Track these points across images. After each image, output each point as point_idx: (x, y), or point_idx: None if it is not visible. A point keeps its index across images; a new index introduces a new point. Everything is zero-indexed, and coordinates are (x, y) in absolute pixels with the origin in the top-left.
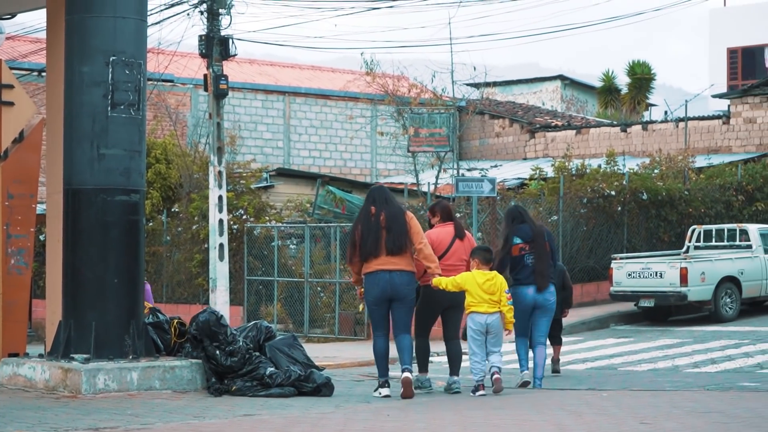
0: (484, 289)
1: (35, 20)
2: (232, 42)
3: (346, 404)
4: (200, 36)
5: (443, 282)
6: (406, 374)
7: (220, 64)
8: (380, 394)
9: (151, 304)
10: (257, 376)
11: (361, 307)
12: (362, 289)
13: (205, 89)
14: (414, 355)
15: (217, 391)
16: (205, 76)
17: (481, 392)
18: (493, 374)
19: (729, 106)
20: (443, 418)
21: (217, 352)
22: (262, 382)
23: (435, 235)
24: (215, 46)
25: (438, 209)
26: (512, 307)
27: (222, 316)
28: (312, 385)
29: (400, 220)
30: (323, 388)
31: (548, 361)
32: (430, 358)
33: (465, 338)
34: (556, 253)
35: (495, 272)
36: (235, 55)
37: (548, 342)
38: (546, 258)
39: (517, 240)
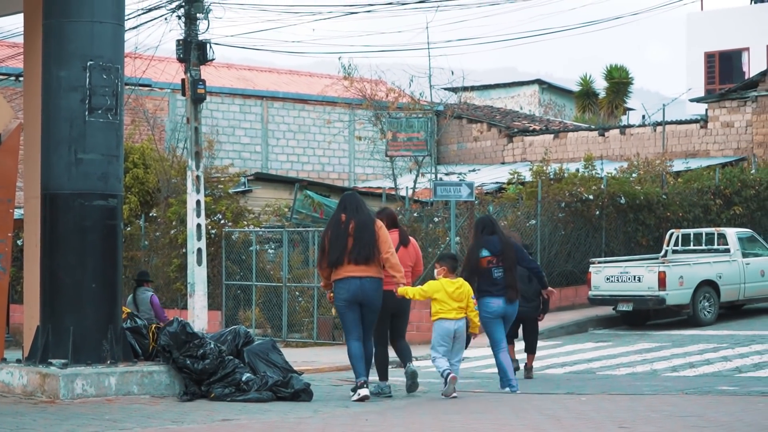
0: (453, 297)
1: (12, 25)
2: (210, 46)
3: (325, 409)
4: (178, 40)
5: (410, 292)
6: (365, 392)
7: (197, 69)
8: (358, 395)
9: (164, 318)
10: (234, 381)
11: (334, 311)
12: (332, 294)
13: (183, 94)
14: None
15: (192, 395)
16: (183, 80)
17: (452, 383)
18: (449, 374)
19: (706, 110)
20: (422, 423)
21: (188, 361)
22: (239, 388)
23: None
24: (193, 51)
25: (383, 216)
26: (478, 312)
27: (188, 323)
28: (290, 390)
29: (369, 228)
30: (302, 393)
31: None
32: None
33: None
34: (527, 261)
35: (461, 279)
36: (213, 59)
37: (514, 347)
38: (515, 270)
39: (485, 252)
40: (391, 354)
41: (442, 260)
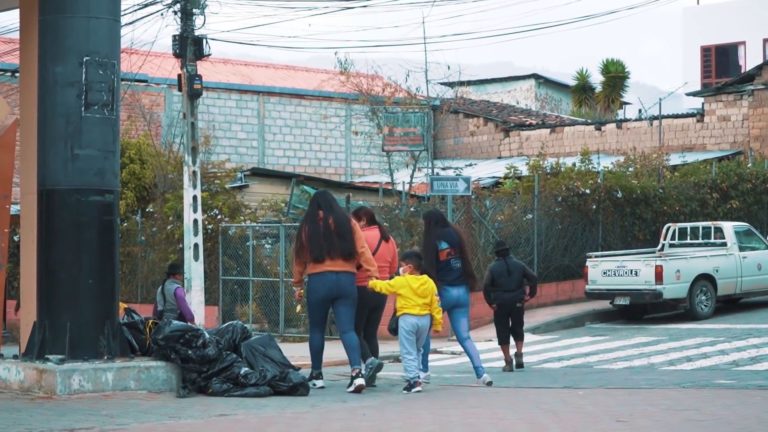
0: (418, 294)
1: (8, 21)
2: (206, 42)
3: (322, 404)
4: (174, 36)
5: (378, 285)
6: (360, 381)
7: (194, 64)
8: (314, 385)
9: (185, 310)
10: (232, 376)
11: (298, 308)
12: (302, 291)
13: (180, 89)
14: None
15: (191, 383)
16: (179, 76)
17: (417, 389)
18: (415, 383)
19: (703, 104)
20: (419, 417)
21: (189, 351)
22: (237, 382)
23: (368, 239)
24: (189, 46)
25: (362, 214)
26: (440, 309)
27: (176, 322)
28: (288, 384)
29: (347, 226)
30: (300, 388)
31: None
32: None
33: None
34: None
35: (426, 276)
36: (209, 54)
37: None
38: (469, 259)
39: (445, 245)
40: (390, 348)
41: (408, 258)
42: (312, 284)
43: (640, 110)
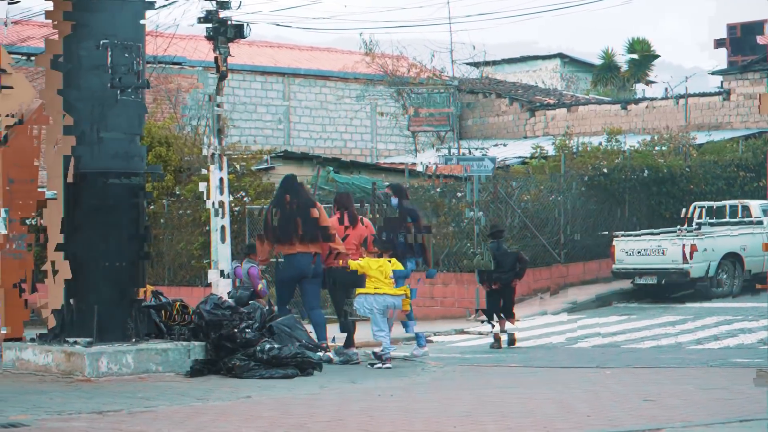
0: (382, 274)
1: (33, 5)
2: (248, 26)
3: (364, 381)
4: (201, 18)
5: (352, 264)
6: (330, 354)
7: (225, 47)
8: None
9: (261, 292)
10: (263, 350)
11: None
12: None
13: (217, 71)
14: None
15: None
16: (216, 58)
17: (388, 365)
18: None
19: (723, 81)
20: (457, 397)
21: (246, 326)
22: (269, 356)
23: (332, 222)
24: (229, 28)
25: (337, 201)
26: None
27: (224, 300)
28: (315, 363)
29: (311, 209)
30: (317, 366)
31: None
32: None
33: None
34: None
35: (384, 259)
36: (245, 36)
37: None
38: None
39: (410, 219)
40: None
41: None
42: (281, 265)
43: (666, 89)
